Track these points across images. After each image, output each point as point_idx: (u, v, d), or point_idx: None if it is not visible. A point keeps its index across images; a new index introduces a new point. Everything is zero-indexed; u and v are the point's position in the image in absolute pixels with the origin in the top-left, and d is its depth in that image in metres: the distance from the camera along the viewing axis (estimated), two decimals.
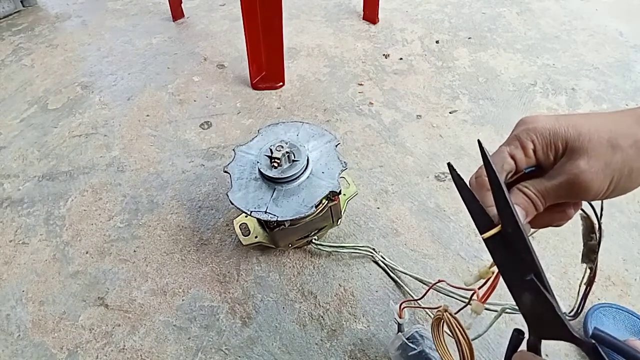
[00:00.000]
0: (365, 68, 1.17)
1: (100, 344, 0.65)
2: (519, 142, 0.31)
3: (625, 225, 0.76)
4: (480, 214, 0.31)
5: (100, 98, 1.11)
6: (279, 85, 1.11)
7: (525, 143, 0.31)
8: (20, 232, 0.81)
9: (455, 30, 1.30)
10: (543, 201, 0.30)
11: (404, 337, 0.56)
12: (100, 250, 0.77)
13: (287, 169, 0.61)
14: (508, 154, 0.31)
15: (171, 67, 1.21)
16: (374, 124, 0.99)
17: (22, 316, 0.69)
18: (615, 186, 0.28)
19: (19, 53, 1.30)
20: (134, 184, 0.88)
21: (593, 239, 0.37)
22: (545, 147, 0.30)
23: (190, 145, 0.96)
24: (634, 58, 1.15)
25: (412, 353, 0.54)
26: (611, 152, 0.28)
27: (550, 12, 1.36)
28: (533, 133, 0.30)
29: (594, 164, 0.28)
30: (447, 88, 1.09)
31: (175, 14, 1.42)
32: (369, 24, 1.35)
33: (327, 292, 0.69)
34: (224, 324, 0.66)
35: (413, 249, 0.74)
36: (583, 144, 0.28)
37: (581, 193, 0.28)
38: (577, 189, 0.28)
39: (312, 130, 0.70)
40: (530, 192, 0.30)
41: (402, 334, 0.56)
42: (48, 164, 0.94)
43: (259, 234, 0.71)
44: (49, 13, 1.51)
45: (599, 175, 0.28)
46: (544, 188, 0.30)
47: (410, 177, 0.86)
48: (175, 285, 0.71)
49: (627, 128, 0.28)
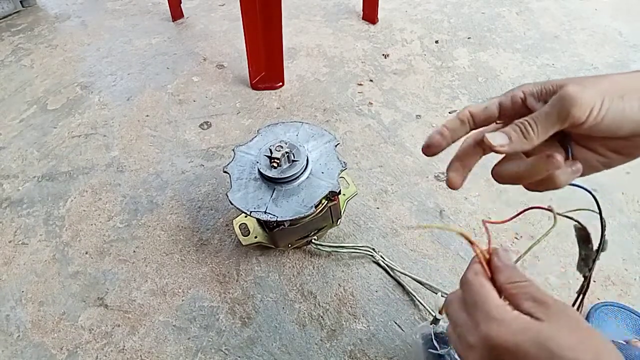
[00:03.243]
0: (365, 68, 1.17)
1: (100, 345, 0.65)
2: (509, 93, 0.32)
3: (624, 225, 0.76)
4: None
5: (99, 98, 1.11)
6: (278, 85, 1.11)
7: (514, 92, 0.31)
8: (20, 232, 0.81)
9: (455, 30, 1.30)
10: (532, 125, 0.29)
11: (434, 331, 0.54)
12: (100, 250, 0.77)
13: (287, 169, 0.61)
14: (497, 101, 0.32)
15: (171, 68, 1.21)
16: (373, 124, 0.99)
17: (21, 317, 0.69)
18: (609, 106, 0.27)
19: (18, 53, 1.30)
20: (134, 184, 0.88)
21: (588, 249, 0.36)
22: (536, 93, 0.30)
23: (189, 145, 0.96)
24: (633, 58, 1.15)
25: (435, 352, 0.53)
26: (600, 78, 0.28)
27: (550, 12, 1.36)
28: (523, 86, 0.31)
29: (582, 83, 0.27)
30: (446, 88, 1.09)
31: (175, 14, 1.42)
32: (369, 24, 1.35)
33: (326, 292, 0.69)
34: (223, 324, 0.66)
35: (413, 249, 0.74)
36: (572, 80, 0.28)
37: (571, 108, 0.27)
38: (566, 103, 0.27)
39: (312, 130, 0.70)
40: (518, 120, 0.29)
41: (433, 327, 0.55)
42: (47, 165, 0.94)
43: (259, 234, 0.71)
44: (48, 13, 1.51)
45: (586, 91, 0.27)
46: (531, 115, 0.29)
47: (409, 177, 0.86)
48: (174, 286, 0.71)
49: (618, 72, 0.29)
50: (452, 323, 0.31)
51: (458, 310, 0.30)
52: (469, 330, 0.28)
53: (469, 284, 0.30)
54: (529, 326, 0.26)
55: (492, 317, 0.27)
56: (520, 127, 0.29)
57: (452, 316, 0.31)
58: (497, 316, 0.27)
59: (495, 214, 0.78)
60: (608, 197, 0.80)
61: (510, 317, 0.27)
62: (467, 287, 0.30)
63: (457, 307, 0.30)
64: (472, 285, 0.30)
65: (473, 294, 0.29)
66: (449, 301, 0.32)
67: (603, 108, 0.27)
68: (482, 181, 0.85)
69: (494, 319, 0.27)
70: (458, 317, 0.30)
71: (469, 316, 0.29)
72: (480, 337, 0.27)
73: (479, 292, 0.29)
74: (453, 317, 0.31)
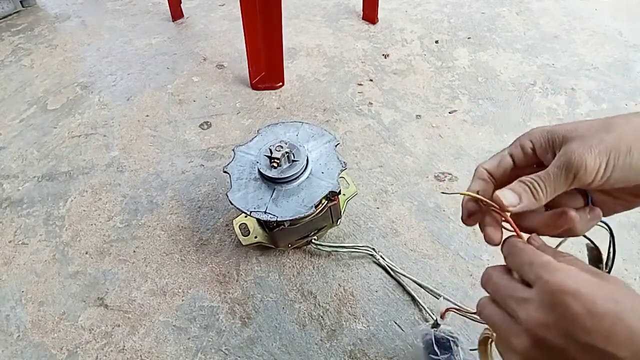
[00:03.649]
0: (365, 68, 1.17)
1: (100, 345, 0.65)
2: (518, 142, 0.32)
3: (624, 225, 0.76)
4: None
5: (99, 98, 1.11)
6: (278, 85, 1.11)
7: (523, 142, 0.32)
8: (20, 232, 0.81)
9: (455, 30, 1.30)
10: (542, 186, 0.29)
11: (435, 336, 0.54)
12: (100, 250, 0.77)
13: (287, 169, 0.61)
14: (507, 153, 0.33)
15: (170, 68, 1.21)
16: (373, 124, 0.99)
17: (21, 317, 0.69)
18: (615, 165, 0.27)
19: (18, 53, 1.30)
20: (134, 184, 0.88)
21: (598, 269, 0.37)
22: (544, 144, 0.31)
23: (189, 145, 0.96)
24: (634, 58, 1.15)
25: (436, 358, 0.52)
26: (605, 132, 0.28)
27: (550, 12, 1.36)
28: (532, 134, 0.32)
29: (587, 142, 0.28)
30: (446, 88, 1.09)
31: (175, 14, 1.42)
32: (369, 24, 1.35)
33: (326, 292, 0.69)
34: (223, 324, 0.66)
35: (413, 249, 0.74)
36: (578, 132, 0.29)
37: (577, 173, 0.28)
38: (572, 168, 0.28)
39: (312, 130, 0.70)
40: (527, 178, 0.30)
41: (434, 331, 0.54)
42: (47, 165, 0.94)
43: (259, 234, 0.71)
44: (48, 13, 1.51)
45: (593, 151, 0.27)
46: (540, 174, 0.30)
47: (409, 177, 0.86)
48: (174, 286, 0.71)
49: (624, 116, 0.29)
50: (495, 288, 0.29)
51: (501, 276, 0.29)
52: (521, 289, 0.27)
53: (517, 247, 0.29)
54: (596, 281, 0.25)
55: (556, 268, 0.26)
56: (530, 186, 0.30)
57: (496, 281, 0.29)
58: (561, 268, 0.26)
59: None
60: None
61: (575, 271, 0.26)
62: (518, 252, 0.29)
63: (500, 274, 0.30)
64: (521, 249, 0.29)
65: (526, 255, 0.28)
66: (489, 271, 0.31)
67: (608, 168, 0.27)
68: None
69: (559, 269, 0.26)
70: (501, 282, 0.29)
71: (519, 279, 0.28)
72: (541, 287, 0.26)
73: (533, 252, 0.28)
74: (496, 282, 0.29)
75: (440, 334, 0.54)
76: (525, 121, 0.98)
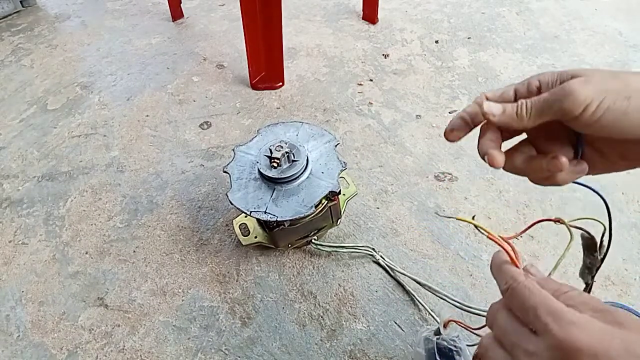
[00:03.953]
0: (365, 68, 1.17)
1: (99, 345, 0.65)
2: (526, 80, 0.32)
3: (624, 225, 0.76)
4: None
5: (99, 98, 1.11)
6: (278, 85, 1.11)
7: (531, 80, 0.32)
8: (20, 232, 0.81)
9: (455, 30, 1.30)
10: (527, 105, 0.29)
11: (437, 343, 0.53)
12: (100, 250, 0.77)
13: (287, 169, 0.61)
14: (513, 88, 0.33)
15: (170, 67, 1.21)
16: (373, 124, 0.99)
17: (21, 317, 0.69)
18: (609, 106, 0.26)
19: (18, 53, 1.30)
20: (134, 184, 0.88)
21: (593, 258, 0.36)
22: (551, 83, 0.30)
23: (189, 145, 0.96)
24: (633, 58, 1.15)
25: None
26: (611, 77, 0.27)
27: (550, 12, 1.36)
28: (542, 74, 0.32)
29: (588, 79, 0.27)
30: (446, 88, 1.09)
31: (175, 14, 1.42)
32: (369, 24, 1.35)
33: (326, 292, 0.69)
34: (223, 324, 0.66)
35: (413, 249, 0.74)
36: (587, 73, 0.28)
37: (565, 99, 0.27)
38: (562, 93, 0.27)
39: (312, 130, 0.70)
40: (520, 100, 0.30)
41: (437, 339, 0.54)
42: (47, 165, 0.94)
43: (259, 234, 0.71)
44: (48, 13, 1.51)
45: (588, 86, 0.26)
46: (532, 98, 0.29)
47: (409, 177, 0.86)
48: (174, 286, 0.71)
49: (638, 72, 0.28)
50: (501, 332, 0.27)
51: (507, 318, 0.27)
52: (527, 338, 0.25)
53: (522, 287, 0.27)
54: (611, 331, 0.23)
55: (568, 320, 0.23)
56: (518, 104, 0.30)
57: (501, 325, 0.27)
58: (573, 319, 0.23)
59: (495, 214, 0.78)
60: (608, 197, 0.79)
61: (586, 320, 0.24)
62: (521, 292, 0.27)
63: (506, 315, 0.27)
64: (527, 289, 0.26)
65: (531, 298, 0.26)
66: (494, 310, 0.29)
67: (601, 106, 0.26)
68: (482, 181, 0.85)
69: (571, 322, 0.23)
70: (508, 326, 0.27)
71: (524, 323, 0.26)
72: (551, 343, 0.24)
73: (539, 295, 0.26)
74: (502, 326, 0.27)
75: (443, 342, 0.53)
76: None
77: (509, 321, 0.27)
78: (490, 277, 0.69)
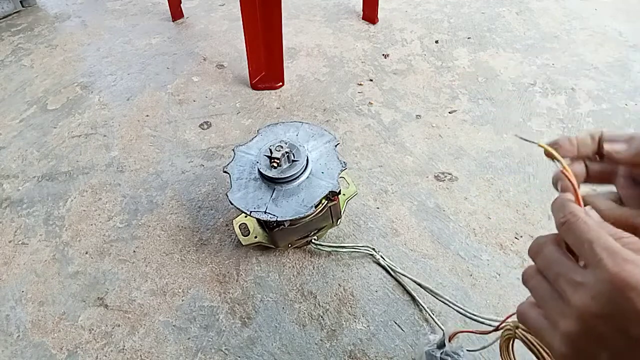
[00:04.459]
0: (365, 68, 1.17)
1: (99, 345, 0.65)
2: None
3: None
4: None
5: (99, 98, 1.11)
6: (278, 85, 1.11)
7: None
8: (20, 232, 0.81)
9: (455, 30, 1.30)
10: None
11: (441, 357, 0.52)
12: (100, 250, 0.77)
13: (287, 169, 0.61)
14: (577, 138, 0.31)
15: (170, 67, 1.21)
16: (373, 124, 0.99)
17: (21, 317, 0.69)
18: None
19: (18, 53, 1.30)
20: (134, 184, 0.88)
21: None
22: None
23: (189, 145, 0.96)
24: (633, 58, 1.15)
25: None
26: None
27: (550, 12, 1.36)
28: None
29: None
30: (446, 88, 1.09)
31: (175, 14, 1.42)
32: (369, 24, 1.35)
33: (326, 292, 0.69)
34: (223, 324, 0.66)
35: (412, 249, 0.74)
36: None
37: None
38: None
39: (312, 130, 0.70)
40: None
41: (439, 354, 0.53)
42: (47, 165, 0.94)
43: (259, 234, 0.71)
44: (48, 13, 1.51)
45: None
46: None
47: (409, 177, 0.86)
48: (174, 286, 0.71)
49: None
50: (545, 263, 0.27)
51: (555, 250, 0.27)
52: (574, 269, 0.25)
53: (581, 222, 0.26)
54: None
55: (623, 257, 0.23)
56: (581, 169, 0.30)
57: (548, 255, 0.27)
58: (628, 257, 0.23)
59: (495, 214, 0.78)
60: None
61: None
62: (579, 225, 0.25)
63: (554, 248, 0.27)
64: (585, 224, 0.25)
65: (587, 232, 0.25)
66: (541, 242, 0.28)
67: None
68: (481, 181, 0.85)
69: (626, 259, 0.23)
70: (555, 256, 0.26)
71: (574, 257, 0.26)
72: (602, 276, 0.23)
73: (597, 230, 0.25)
74: (549, 256, 0.27)
75: (447, 358, 0.53)
76: (525, 121, 0.98)
77: (556, 253, 0.26)
78: (489, 277, 0.69)
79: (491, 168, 0.87)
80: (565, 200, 0.28)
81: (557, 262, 0.26)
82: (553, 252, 0.27)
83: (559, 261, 0.26)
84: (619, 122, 0.97)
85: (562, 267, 0.26)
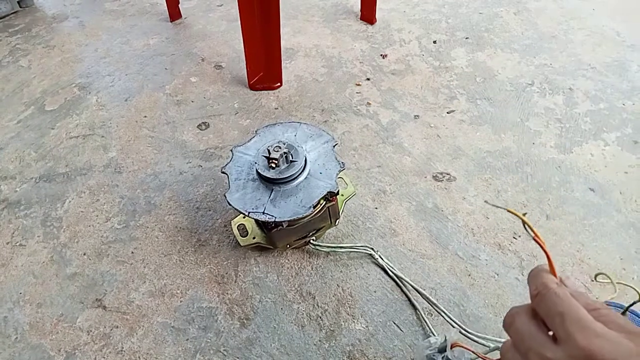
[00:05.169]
0: (363, 68, 1.17)
1: (98, 346, 0.65)
2: None
3: (622, 224, 0.76)
4: None
5: (97, 99, 1.11)
6: (276, 85, 1.11)
7: None
8: (17, 233, 0.80)
9: (453, 31, 1.30)
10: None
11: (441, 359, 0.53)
12: (98, 251, 0.77)
13: (285, 170, 0.61)
14: None
15: (168, 68, 1.20)
16: (371, 124, 0.99)
17: (19, 318, 0.68)
18: None
19: (15, 54, 1.30)
20: (132, 185, 0.88)
21: None
22: None
23: (187, 146, 0.96)
24: (631, 58, 1.15)
25: None
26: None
27: (548, 12, 1.37)
28: None
29: None
30: (444, 88, 1.09)
31: (173, 14, 1.41)
32: (367, 24, 1.35)
33: (325, 293, 0.69)
34: (222, 325, 0.66)
35: (411, 249, 0.74)
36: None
37: None
38: None
39: (310, 130, 0.70)
40: None
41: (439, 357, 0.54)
42: (45, 166, 0.93)
43: (257, 234, 0.71)
44: (46, 14, 1.51)
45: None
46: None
47: (408, 177, 0.86)
48: (173, 287, 0.71)
49: None
50: (519, 336, 0.27)
51: (526, 322, 0.27)
52: (545, 344, 0.25)
53: (552, 294, 0.26)
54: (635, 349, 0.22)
55: (594, 332, 0.23)
56: None
57: (520, 329, 0.27)
58: (599, 331, 0.23)
59: (493, 214, 0.78)
60: (606, 196, 0.80)
61: (613, 336, 0.23)
62: (550, 297, 0.26)
63: (526, 320, 0.27)
64: (556, 296, 0.26)
65: (559, 304, 0.25)
66: (514, 313, 0.28)
67: None
68: (480, 181, 0.85)
69: (596, 334, 0.23)
70: (526, 329, 0.26)
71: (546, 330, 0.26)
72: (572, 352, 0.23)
73: (568, 303, 0.25)
74: (520, 330, 0.27)
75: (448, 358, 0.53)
76: (523, 121, 0.98)
77: (528, 325, 0.26)
78: (487, 277, 0.69)
79: (489, 168, 0.87)
80: (539, 270, 0.29)
81: (528, 335, 0.26)
82: (524, 324, 0.27)
83: (529, 334, 0.26)
84: (617, 121, 0.97)
85: (532, 341, 0.26)
